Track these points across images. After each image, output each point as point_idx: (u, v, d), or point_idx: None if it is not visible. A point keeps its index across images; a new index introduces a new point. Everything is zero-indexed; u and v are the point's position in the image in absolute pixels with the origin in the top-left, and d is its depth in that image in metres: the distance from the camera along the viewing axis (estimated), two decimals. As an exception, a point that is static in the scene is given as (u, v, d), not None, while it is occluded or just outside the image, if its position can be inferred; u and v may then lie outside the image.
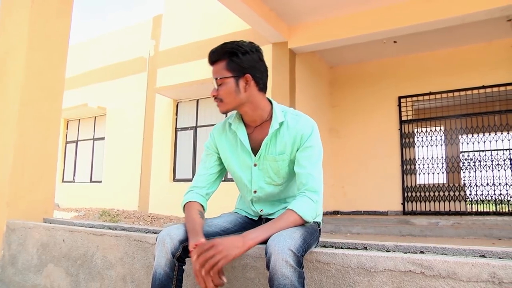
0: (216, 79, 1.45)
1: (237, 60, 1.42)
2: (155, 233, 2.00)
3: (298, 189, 1.44)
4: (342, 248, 1.52)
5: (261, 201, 1.59)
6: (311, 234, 1.37)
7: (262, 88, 1.50)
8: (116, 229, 2.14)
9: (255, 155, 1.54)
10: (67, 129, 10.81)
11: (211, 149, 1.64)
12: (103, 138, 9.84)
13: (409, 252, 1.38)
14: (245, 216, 1.66)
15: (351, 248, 1.50)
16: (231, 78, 1.43)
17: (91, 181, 9.98)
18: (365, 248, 1.47)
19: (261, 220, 1.61)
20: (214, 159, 1.63)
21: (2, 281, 2.48)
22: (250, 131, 1.55)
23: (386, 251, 1.42)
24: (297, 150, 1.48)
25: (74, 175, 10.46)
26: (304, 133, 1.46)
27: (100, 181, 9.59)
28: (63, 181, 10.49)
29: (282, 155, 1.50)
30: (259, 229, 1.29)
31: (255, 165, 1.54)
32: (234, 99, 1.45)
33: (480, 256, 1.28)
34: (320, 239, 1.59)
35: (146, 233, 2.00)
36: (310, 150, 1.46)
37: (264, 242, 1.26)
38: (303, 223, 1.36)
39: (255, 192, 1.56)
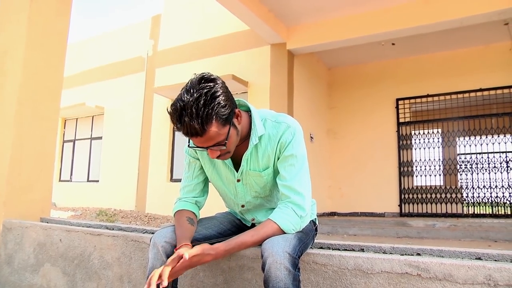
0: (222, 144, 1.24)
1: (222, 109, 1.19)
2: (152, 233, 1.99)
3: (281, 199, 1.34)
4: (339, 249, 1.52)
5: (251, 211, 1.54)
6: (307, 233, 1.37)
7: (236, 105, 1.32)
8: (113, 229, 2.14)
9: (237, 170, 1.43)
10: (64, 128, 10.76)
11: (192, 155, 1.50)
12: (100, 138, 9.81)
13: (405, 254, 1.38)
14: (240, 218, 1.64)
15: (348, 250, 1.50)
16: (230, 127, 1.25)
17: (88, 181, 9.95)
18: (362, 250, 1.47)
19: (255, 226, 1.55)
20: (198, 167, 1.51)
21: (-2, 280, 2.47)
22: None
23: (383, 253, 1.42)
24: (278, 159, 1.37)
25: (71, 174, 10.42)
26: (283, 141, 1.34)
27: (97, 181, 9.56)
28: (60, 180, 10.45)
29: (267, 170, 1.40)
30: (235, 243, 1.24)
31: (238, 180, 1.45)
32: (237, 140, 1.32)
33: (476, 258, 1.29)
34: (317, 241, 1.59)
35: (143, 233, 1.99)
36: (291, 159, 1.34)
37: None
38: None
39: (242, 206, 1.51)
